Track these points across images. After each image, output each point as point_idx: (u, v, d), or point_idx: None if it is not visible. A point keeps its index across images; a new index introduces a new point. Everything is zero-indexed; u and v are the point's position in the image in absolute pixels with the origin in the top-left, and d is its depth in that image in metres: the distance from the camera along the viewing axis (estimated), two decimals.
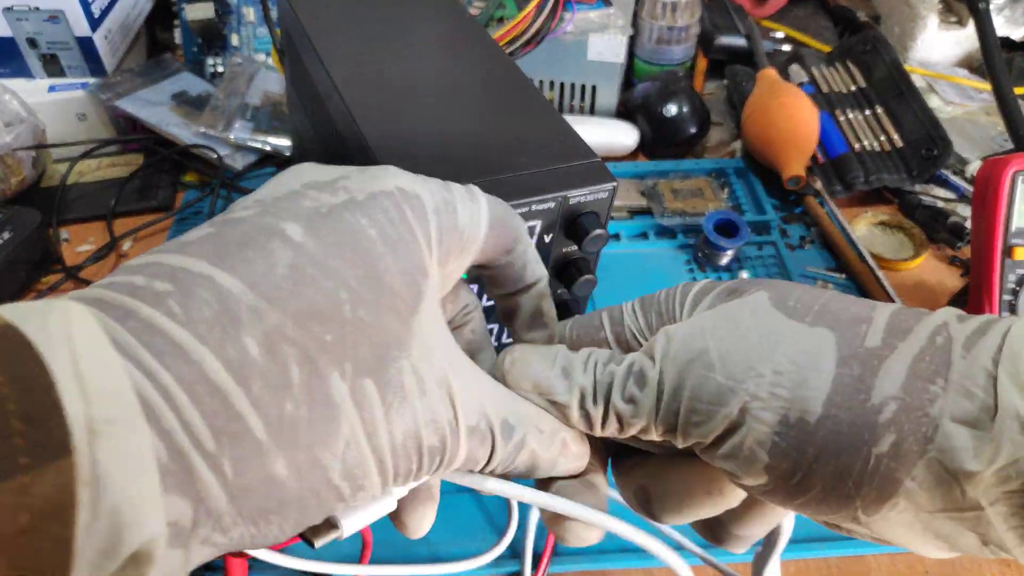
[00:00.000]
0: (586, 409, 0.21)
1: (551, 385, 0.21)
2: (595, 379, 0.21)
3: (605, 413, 0.21)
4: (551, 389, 0.21)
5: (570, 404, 0.21)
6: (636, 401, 0.20)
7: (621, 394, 0.20)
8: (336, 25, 0.41)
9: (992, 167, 0.48)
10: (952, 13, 0.75)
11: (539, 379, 0.21)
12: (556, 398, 0.21)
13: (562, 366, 0.21)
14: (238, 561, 0.35)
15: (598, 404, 0.21)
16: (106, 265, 0.55)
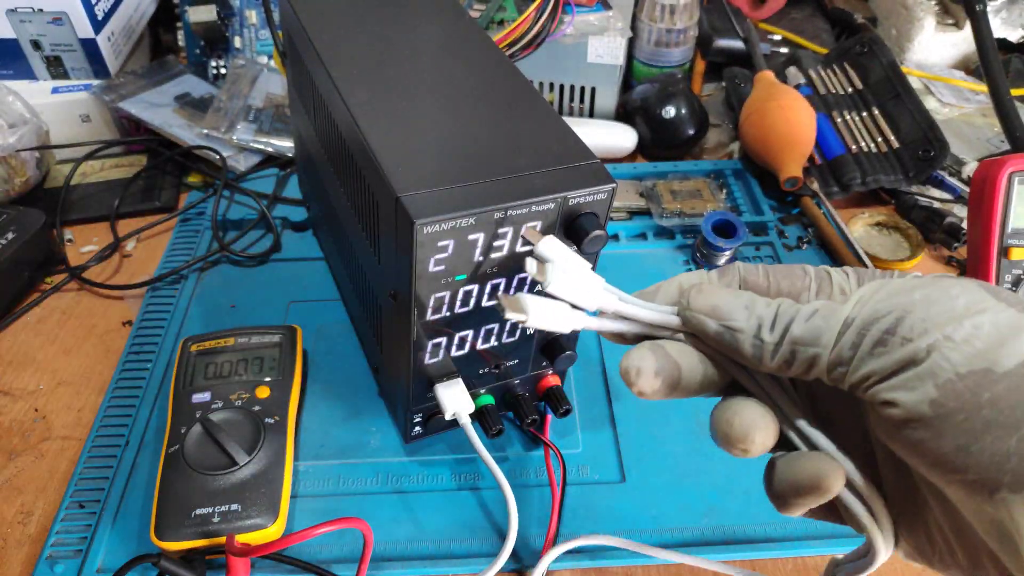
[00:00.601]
0: (761, 337, 0.22)
1: (731, 310, 0.22)
2: (776, 312, 0.22)
3: (779, 342, 0.21)
4: (730, 314, 0.22)
5: (745, 329, 0.22)
6: (818, 330, 0.21)
7: (803, 323, 0.21)
8: (338, 28, 0.42)
9: (988, 168, 0.48)
10: (949, 15, 0.76)
11: (720, 304, 0.22)
12: (732, 323, 0.22)
13: (745, 301, 0.22)
14: (241, 561, 0.35)
15: (774, 331, 0.21)
16: (109, 265, 0.56)
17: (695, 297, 0.23)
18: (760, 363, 0.22)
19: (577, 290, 0.24)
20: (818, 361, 0.21)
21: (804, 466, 0.22)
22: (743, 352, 0.22)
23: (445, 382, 0.39)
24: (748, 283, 0.25)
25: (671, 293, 0.25)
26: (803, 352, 0.21)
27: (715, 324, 0.22)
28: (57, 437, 0.44)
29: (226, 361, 0.44)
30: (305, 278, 0.54)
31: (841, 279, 0.24)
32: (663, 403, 0.46)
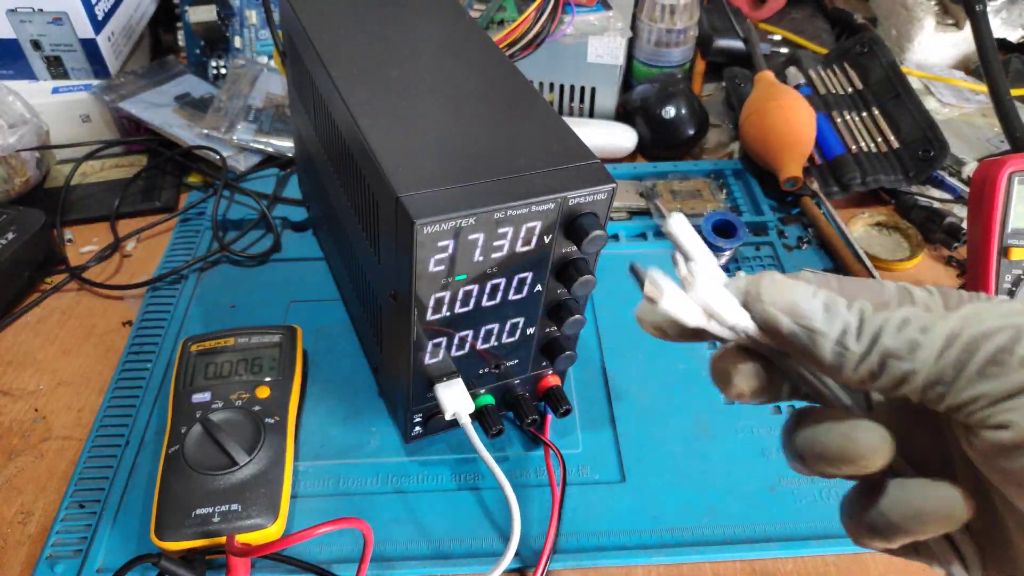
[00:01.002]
0: (844, 344, 0.19)
1: (810, 309, 0.20)
2: (861, 318, 0.20)
3: (866, 352, 0.19)
4: (809, 314, 0.20)
5: (827, 333, 0.19)
6: (915, 343, 0.19)
7: (896, 333, 0.19)
8: (337, 28, 0.42)
9: (988, 168, 0.48)
10: (949, 15, 0.76)
11: (798, 301, 0.20)
12: (812, 324, 0.20)
13: (824, 301, 0.20)
14: (241, 561, 0.35)
15: (861, 339, 0.19)
16: (110, 265, 0.56)
17: (768, 288, 0.21)
18: (839, 372, 0.20)
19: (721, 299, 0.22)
20: (911, 378, 0.19)
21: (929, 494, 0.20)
22: (821, 358, 0.20)
23: (445, 382, 0.39)
24: None
25: None
26: (894, 366, 0.19)
27: (790, 322, 0.20)
28: (57, 437, 0.44)
29: (226, 361, 0.44)
30: (305, 278, 0.54)
31: (923, 295, 0.21)
32: (663, 403, 0.46)
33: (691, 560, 0.38)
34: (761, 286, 0.21)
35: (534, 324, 0.38)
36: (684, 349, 0.49)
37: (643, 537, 0.39)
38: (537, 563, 0.37)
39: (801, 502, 0.41)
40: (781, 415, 0.45)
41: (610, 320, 0.51)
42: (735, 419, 0.45)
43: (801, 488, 0.41)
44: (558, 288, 0.37)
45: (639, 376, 0.47)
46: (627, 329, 0.50)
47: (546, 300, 0.37)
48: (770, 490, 0.41)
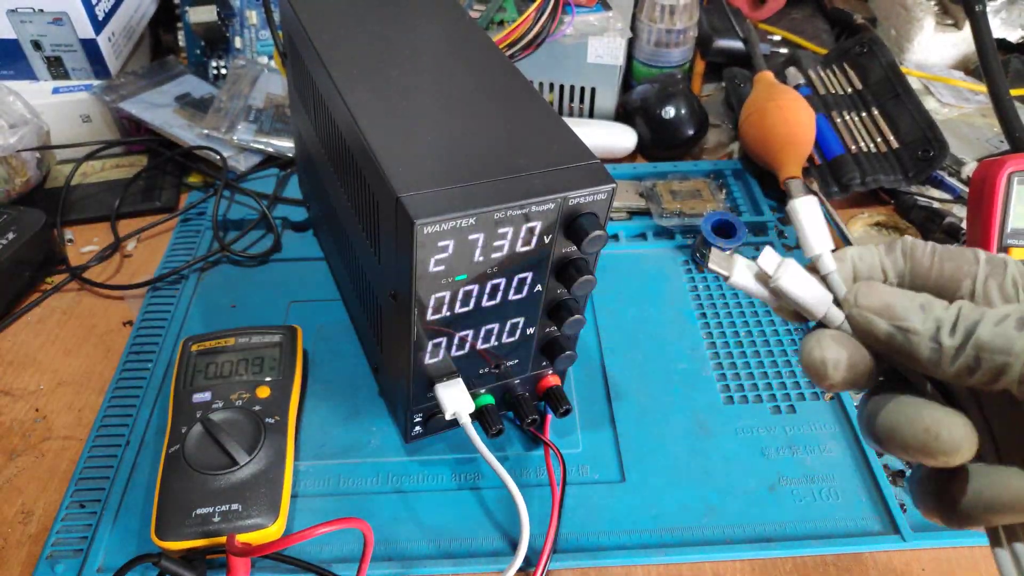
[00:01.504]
0: (939, 340, 0.20)
1: (905, 310, 0.20)
2: (958, 315, 0.20)
3: (961, 346, 0.20)
4: (905, 314, 0.20)
5: (921, 332, 0.20)
6: (1009, 337, 0.19)
7: (992, 327, 0.19)
8: (338, 28, 0.42)
9: (988, 168, 0.48)
10: (948, 15, 0.76)
11: (894, 302, 0.21)
12: (908, 324, 0.20)
13: (921, 302, 0.21)
14: (241, 560, 0.35)
15: (955, 334, 0.20)
16: (110, 265, 0.56)
17: (864, 295, 0.21)
18: (937, 368, 0.20)
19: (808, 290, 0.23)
20: (1008, 371, 0.19)
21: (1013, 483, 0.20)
22: (918, 355, 0.20)
23: (445, 382, 0.39)
24: (914, 257, 0.23)
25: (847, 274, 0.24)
26: (990, 360, 0.19)
27: (886, 325, 0.21)
28: (58, 437, 0.44)
29: (226, 361, 0.44)
30: (305, 278, 0.54)
31: (1016, 271, 0.22)
32: (663, 403, 0.46)
33: (691, 560, 0.39)
34: (859, 291, 0.22)
35: (534, 324, 0.38)
36: (684, 349, 0.49)
37: (643, 537, 0.39)
38: (537, 563, 0.37)
39: (801, 502, 0.41)
40: (780, 415, 0.45)
41: (610, 320, 0.51)
42: (735, 419, 0.45)
43: (801, 488, 0.42)
44: (558, 288, 0.37)
45: (639, 376, 0.47)
46: (627, 329, 0.50)
47: (546, 300, 0.37)
48: (770, 490, 0.41)
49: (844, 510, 0.41)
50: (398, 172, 0.32)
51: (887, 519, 0.40)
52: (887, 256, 0.24)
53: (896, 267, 0.24)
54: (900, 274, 0.24)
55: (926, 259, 0.23)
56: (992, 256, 0.23)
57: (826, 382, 0.22)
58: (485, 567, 0.38)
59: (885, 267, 0.24)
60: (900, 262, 0.24)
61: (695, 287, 0.54)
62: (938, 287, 0.23)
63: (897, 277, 0.24)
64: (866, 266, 0.24)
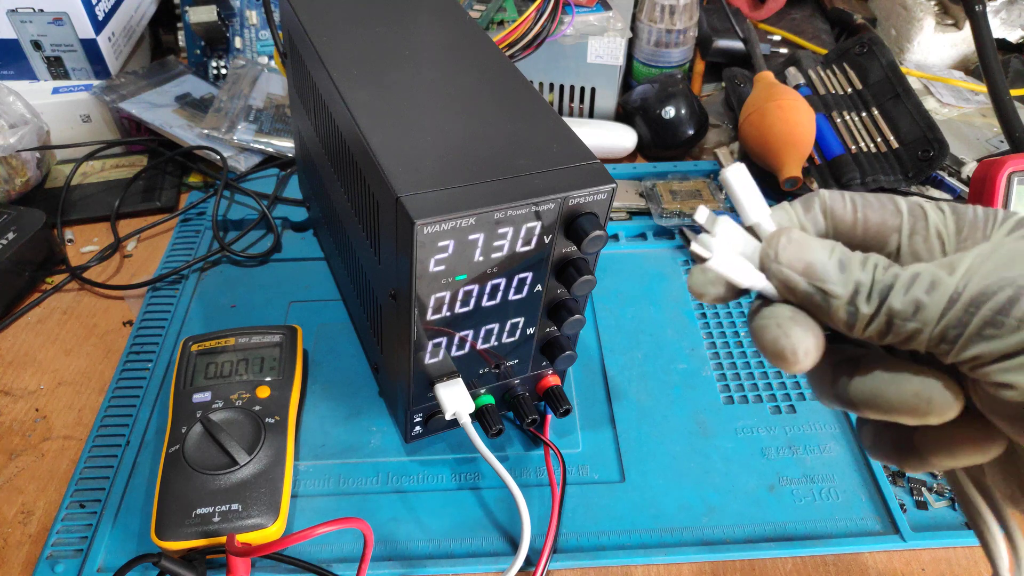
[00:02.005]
0: (856, 305, 0.20)
1: (826, 271, 0.20)
2: (873, 277, 0.20)
3: (875, 313, 0.20)
4: (825, 276, 0.20)
5: (841, 295, 0.20)
6: (919, 304, 0.19)
7: (903, 294, 0.19)
8: (338, 28, 0.42)
9: (988, 168, 0.48)
10: (948, 16, 0.76)
11: (815, 262, 0.21)
12: (828, 286, 0.20)
13: (839, 258, 0.21)
14: (241, 560, 0.35)
15: (871, 301, 0.20)
16: (110, 265, 0.56)
17: (784, 248, 0.21)
18: (851, 330, 0.20)
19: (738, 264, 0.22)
20: (918, 336, 0.19)
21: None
22: (836, 318, 0.20)
23: (445, 382, 0.39)
24: (834, 215, 0.23)
25: None
26: (902, 326, 0.19)
27: (806, 283, 0.21)
28: (58, 437, 0.44)
29: (226, 361, 0.44)
30: (305, 278, 0.54)
31: (937, 220, 0.22)
32: (663, 403, 0.46)
33: (691, 560, 0.39)
34: (779, 246, 0.21)
35: (534, 324, 0.38)
36: (684, 349, 0.49)
37: (643, 537, 0.39)
38: (537, 563, 0.37)
39: (800, 502, 0.41)
40: (780, 415, 0.45)
41: (610, 320, 0.51)
42: (735, 419, 0.45)
43: (800, 488, 0.42)
44: (558, 288, 0.37)
45: (639, 376, 0.47)
46: (627, 329, 0.50)
47: (546, 300, 0.37)
48: (769, 490, 0.41)
49: (844, 510, 0.41)
50: (398, 172, 0.32)
51: (887, 519, 0.40)
52: (806, 215, 0.23)
53: (817, 227, 0.23)
54: (820, 232, 0.23)
55: (848, 214, 0.23)
56: (912, 206, 0.22)
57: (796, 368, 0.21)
58: (485, 567, 0.38)
59: (805, 228, 0.23)
60: (820, 221, 0.23)
61: None
62: (864, 245, 0.23)
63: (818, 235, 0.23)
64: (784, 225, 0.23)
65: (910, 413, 0.21)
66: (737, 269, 0.22)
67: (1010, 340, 0.18)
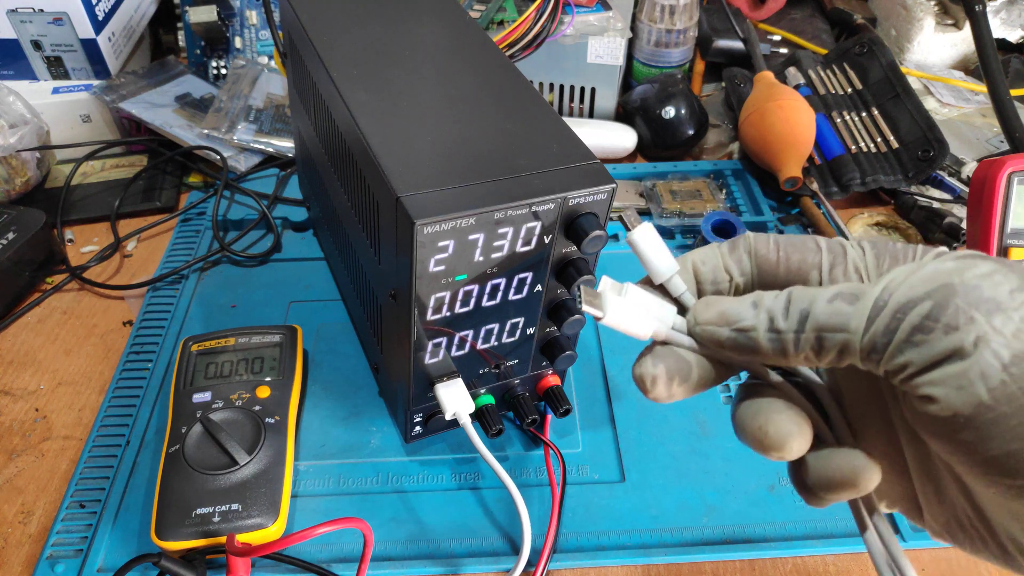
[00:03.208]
0: (775, 328, 0.20)
1: (739, 312, 0.21)
2: (789, 299, 0.20)
3: (798, 330, 0.20)
4: (738, 315, 0.21)
5: (756, 326, 0.20)
6: (843, 313, 0.19)
7: (826, 305, 0.19)
8: (338, 28, 0.42)
9: (988, 168, 0.48)
10: (948, 16, 0.76)
11: (727, 310, 0.21)
12: (744, 323, 0.21)
13: (752, 300, 0.21)
14: (241, 560, 0.35)
15: (788, 318, 0.20)
16: (110, 265, 0.56)
17: (702, 311, 0.22)
18: (785, 356, 0.20)
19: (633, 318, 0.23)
20: (850, 346, 0.19)
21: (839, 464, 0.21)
22: (762, 349, 0.21)
23: (445, 382, 0.39)
24: (758, 255, 0.23)
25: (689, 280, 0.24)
26: (831, 338, 0.19)
27: (727, 331, 0.21)
28: (58, 437, 0.44)
29: (226, 361, 0.44)
30: (305, 278, 0.54)
31: (856, 255, 0.22)
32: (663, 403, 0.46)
33: (691, 560, 0.39)
34: (697, 311, 0.22)
35: (534, 324, 0.38)
36: None
37: (643, 537, 0.39)
38: (537, 563, 0.37)
39: (800, 502, 0.41)
40: None
41: None
42: None
43: None
44: (558, 288, 0.37)
45: None
46: None
47: (546, 300, 0.37)
48: (769, 490, 0.41)
49: (844, 510, 0.41)
50: (398, 172, 0.32)
51: (887, 519, 0.40)
52: (731, 256, 0.24)
53: (741, 266, 0.23)
54: (746, 273, 0.23)
55: (772, 254, 0.23)
56: (832, 243, 0.23)
57: (650, 395, 0.22)
58: (485, 567, 0.38)
59: (729, 268, 0.24)
60: (745, 261, 0.23)
61: None
62: (787, 283, 0.23)
63: (743, 277, 0.24)
64: (709, 269, 0.24)
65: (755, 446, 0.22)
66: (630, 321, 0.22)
67: (937, 347, 0.18)
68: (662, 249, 0.23)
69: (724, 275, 0.24)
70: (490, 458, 0.38)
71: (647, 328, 0.23)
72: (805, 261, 0.23)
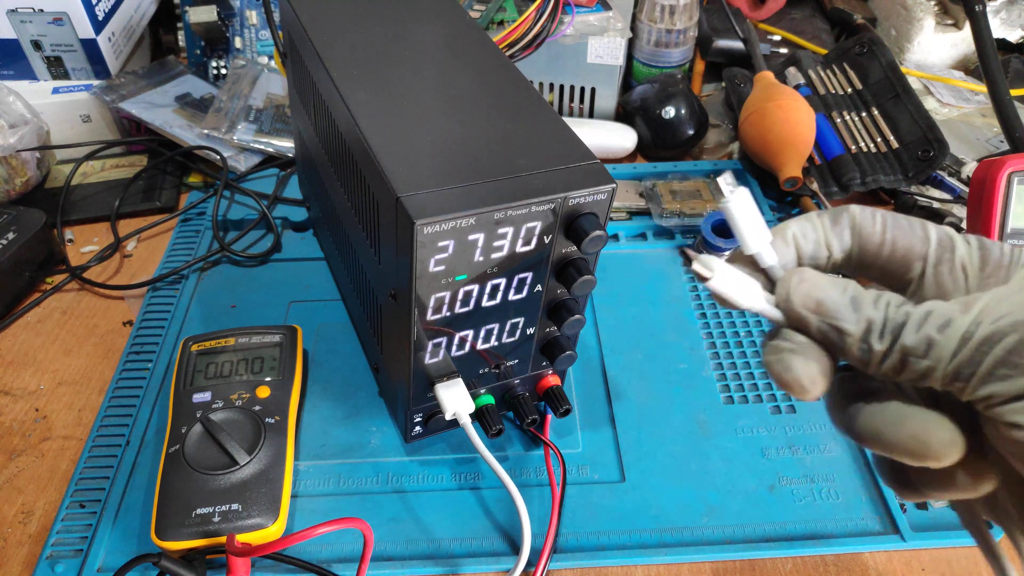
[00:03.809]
0: (869, 343, 0.20)
1: (838, 309, 0.21)
2: (886, 315, 0.20)
3: (888, 350, 0.20)
4: (837, 314, 0.21)
5: (854, 333, 0.20)
6: (932, 342, 0.19)
7: (915, 332, 0.20)
8: (338, 28, 0.42)
9: (988, 168, 0.48)
10: (948, 15, 0.76)
11: (827, 300, 0.21)
12: (841, 324, 0.21)
13: (852, 296, 0.21)
14: (241, 560, 0.35)
15: (884, 338, 0.20)
16: (110, 265, 0.56)
17: (796, 288, 0.21)
18: (867, 367, 0.21)
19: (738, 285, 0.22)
20: (932, 374, 0.20)
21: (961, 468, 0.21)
22: (850, 355, 0.21)
23: (445, 382, 0.39)
24: (862, 233, 0.23)
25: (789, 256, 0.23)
26: (915, 363, 0.20)
27: (818, 321, 0.21)
28: (58, 437, 0.44)
29: (226, 361, 0.44)
30: (305, 278, 0.54)
31: (964, 253, 0.22)
32: (663, 403, 0.46)
33: (691, 560, 0.39)
34: (790, 286, 0.22)
35: (534, 324, 0.38)
36: (684, 349, 0.49)
37: (643, 537, 0.39)
38: (537, 563, 0.37)
39: (800, 501, 0.41)
40: (780, 415, 0.45)
41: (610, 320, 0.51)
42: (735, 419, 0.45)
43: (800, 488, 0.42)
44: (558, 288, 0.37)
45: (639, 376, 0.47)
46: (627, 329, 0.50)
47: (546, 300, 0.37)
48: (769, 490, 0.41)
49: (844, 510, 0.41)
50: (398, 172, 0.32)
51: (887, 519, 0.40)
52: (832, 229, 0.23)
53: (843, 243, 0.23)
54: (847, 251, 0.23)
55: (876, 234, 0.23)
56: (941, 234, 0.22)
57: (807, 397, 0.22)
58: (485, 567, 0.38)
59: (831, 244, 0.23)
60: (847, 238, 0.23)
61: (695, 287, 0.54)
62: (888, 267, 0.23)
63: (843, 254, 0.23)
64: (811, 243, 0.23)
65: (908, 455, 0.21)
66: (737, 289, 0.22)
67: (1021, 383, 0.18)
68: (758, 218, 0.23)
69: (824, 251, 0.23)
70: (490, 458, 0.38)
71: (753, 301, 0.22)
72: (912, 249, 0.22)
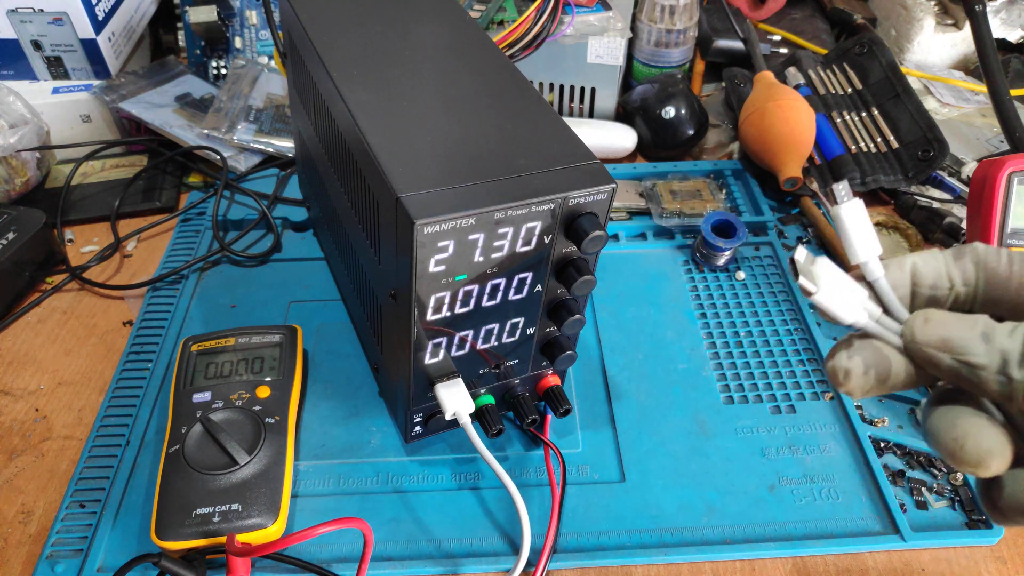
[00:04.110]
0: (1007, 373, 0.19)
1: (966, 344, 0.20)
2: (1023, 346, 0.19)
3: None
4: (966, 348, 0.20)
5: (987, 365, 0.20)
6: None
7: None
8: (338, 28, 0.42)
9: (988, 168, 0.48)
10: (948, 15, 0.76)
11: (953, 336, 0.20)
12: (972, 359, 0.20)
13: (982, 330, 0.20)
14: (241, 560, 0.35)
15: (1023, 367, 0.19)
16: (110, 265, 0.56)
17: (921, 329, 0.21)
18: (1008, 402, 0.20)
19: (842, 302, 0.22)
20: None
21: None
22: (988, 390, 0.20)
23: (445, 382, 0.39)
24: (987, 266, 0.22)
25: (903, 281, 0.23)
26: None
27: (949, 359, 0.20)
28: (58, 437, 0.44)
29: (226, 361, 0.44)
30: (305, 278, 0.54)
31: None
32: (663, 403, 0.46)
33: (691, 560, 0.39)
34: (915, 326, 0.21)
35: (534, 324, 0.38)
36: (684, 349, 0.49)
37: (643, 537, 0.39)
38: (537, 563, 0.37)
39: (800, 502, 0.41)
40: (780, 415, 0.45)
41: (610, 320, 0.51)
42: (735, 419, 0.45)
43: (801, 488, 0.42)
44: (558, 288, 0.37)
45: (639, 376, 0.47)
46: (627, 329, 0.50)
47: (546, 300, 0.37)
48: (769, 490, 0.41)
49: (844, 510, 0.41)
50: (398, 172, 0.32)
51: (887, 519, 0.40)
52: (955, 263, 0.23)
53: (965, 275, 0.23)
54: (969, 283, 0.23)
55: (1002, 268, 0.22)
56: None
57: (841, 388, 0.22)
58: (485, 567, 0.38)
59: (952, 275, 0.23)
60: (970, 271, 0.23)
61: (695, 287, 0.54)
62: (1017, 299, 0.22)
63: (965, 287, 0.23)
64: (930, 272, 0.23)
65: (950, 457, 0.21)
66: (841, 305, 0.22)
67: None
68: (868, 228, 0.23)
69: (946, 282, 0.23)
70: (490, 458, 0.38)
71: (855, 316, 0.22)
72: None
